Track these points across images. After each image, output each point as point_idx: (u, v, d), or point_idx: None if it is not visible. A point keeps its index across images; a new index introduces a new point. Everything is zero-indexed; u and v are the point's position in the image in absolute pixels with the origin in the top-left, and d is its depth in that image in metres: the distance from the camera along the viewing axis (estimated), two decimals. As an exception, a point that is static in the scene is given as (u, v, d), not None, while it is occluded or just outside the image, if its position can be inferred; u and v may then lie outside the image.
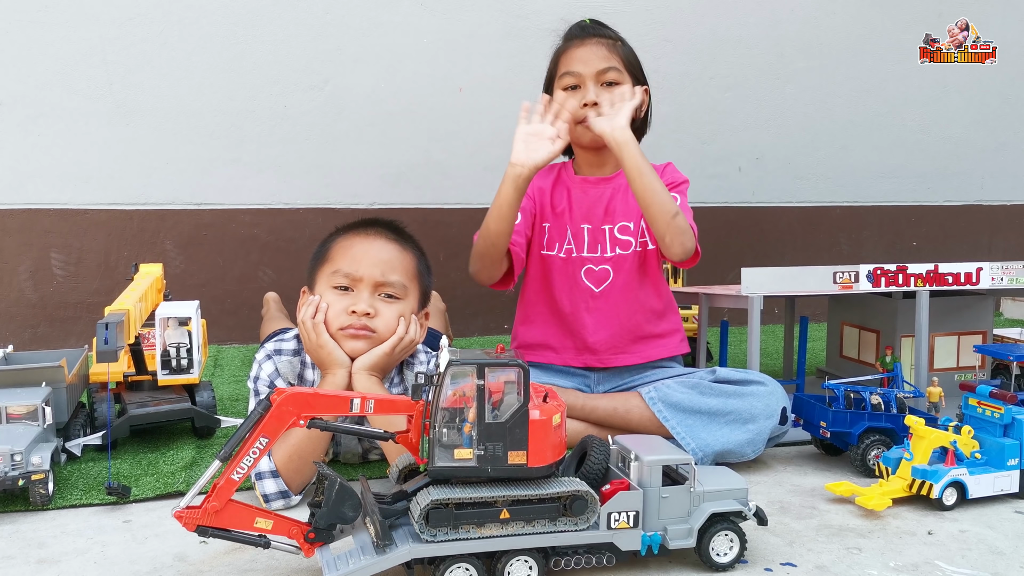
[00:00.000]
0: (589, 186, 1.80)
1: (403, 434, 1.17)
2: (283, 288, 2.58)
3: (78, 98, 2.49)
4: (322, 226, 2.65)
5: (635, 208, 1.76)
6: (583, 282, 1.76)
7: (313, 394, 1.12)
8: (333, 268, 1.48)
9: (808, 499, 1.43)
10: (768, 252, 2.97)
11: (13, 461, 1.35)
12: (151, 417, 1.64)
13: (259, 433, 1.09)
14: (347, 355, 1.44)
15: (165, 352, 1.68)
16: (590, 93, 1.70)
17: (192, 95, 2.55)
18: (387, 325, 1.46)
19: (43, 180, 2.49)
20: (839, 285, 1.75)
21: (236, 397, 2.03)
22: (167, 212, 2.56)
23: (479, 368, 1.09)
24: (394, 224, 1.55)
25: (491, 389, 1.11)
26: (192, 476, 1.50)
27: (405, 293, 1.49)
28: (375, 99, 2.67)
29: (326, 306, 1.45)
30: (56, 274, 2.51)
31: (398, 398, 1.19)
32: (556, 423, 1.12)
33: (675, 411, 1.59)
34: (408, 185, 2.71)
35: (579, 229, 1.77)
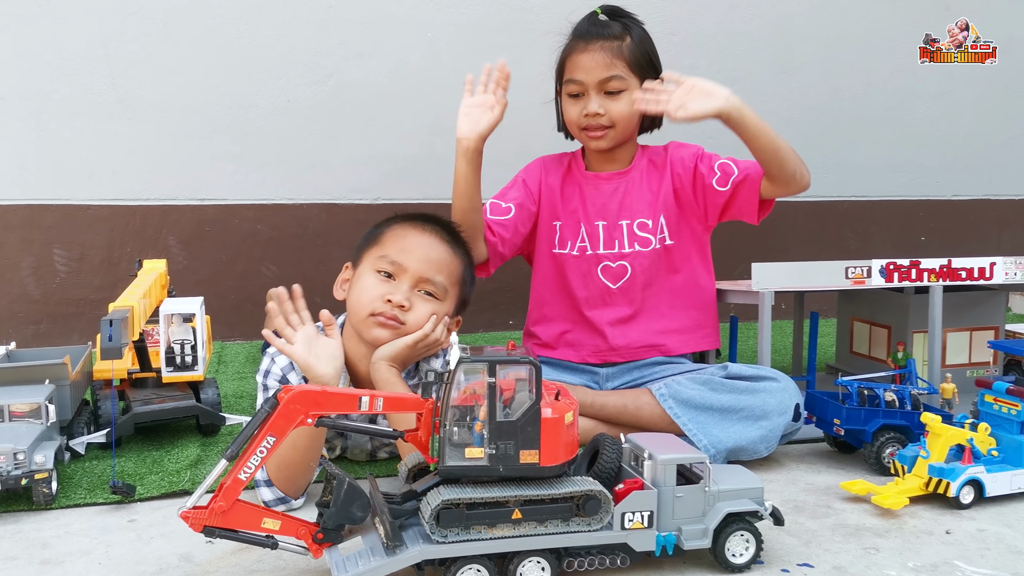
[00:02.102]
0: (602, 181, 1.78)
1: (412, 432, 1.15)
2: (286, 284, 2.44)
3: (80, 93, 2.46)
4: (326, 221, 2.70)
5: (653, 204, 1.74)
6: (600, 279, 1.75)
7: (321, 392, 1.10)
8: (381, 252, 1.47)
9: (823, 498, 1.41)
10: (774, 247, 2.94)
11: (16, 460, 1.33)
12: (155, 415, 1.62)
13: (266, 432, 1.08)
14: (370, 343, 1.43)
15: (169, 349, 1.66)
16: (591, 103, 1.69)
17: (195, 89, 2.53)
18: (417, 320, 1.45)
19: (45, 175, 2.47)
20: (851, 280, 1.73)
21: (240, 394, 2.01)
22: (170, 208, 2.54)
23: (490, 365, 1.07)
24: (451, 226, 1.55)
25: (502, 387, 1.09)
26: (197, 474, 1.48)
27: (444, 295, 1.48)
28: (379, 93, 2.64)
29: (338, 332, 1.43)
30: (59, 270, 2.49)
31: (407, 396, 1.17)
32: (568, 421, 1.10)
33: (686, 408, 1.57)
34: (412, 179, 2.68)
35: (594, 226, 1.75)
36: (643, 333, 1.75)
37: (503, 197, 1.79)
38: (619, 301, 1.75)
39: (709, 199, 1.74)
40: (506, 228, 1.74)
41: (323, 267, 2.60)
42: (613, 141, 1.72)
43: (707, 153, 1.78)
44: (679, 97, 1.57)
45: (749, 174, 1.69)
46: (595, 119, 1.69)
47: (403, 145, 2.67)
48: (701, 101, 1.56)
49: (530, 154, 1.88)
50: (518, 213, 1.76)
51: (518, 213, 1.76)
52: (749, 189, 1.69)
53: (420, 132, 2.67)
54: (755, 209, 1.71)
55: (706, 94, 1.56)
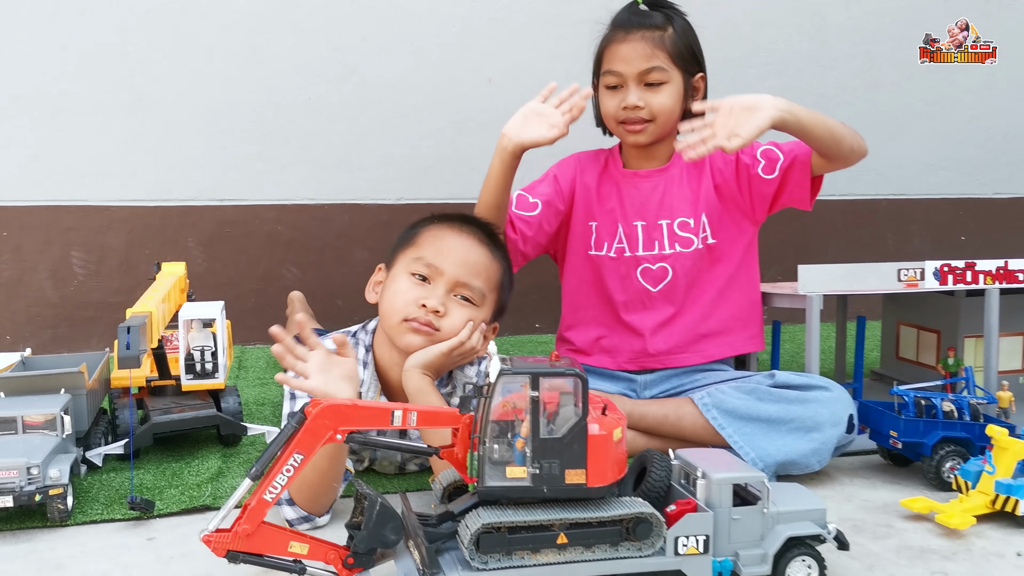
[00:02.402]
0: (640, 180, 1.70)
1: (448, 449, 1.08)
2: (308, 286, 2.50)
3: (98, 91, 2.41)
4: (348, 222, 2.64)
5: (694, 202, 1.67)
6: (639, 282, 1.67)
7: (351, 406, 1.03)
8: (417, 254, 1.40)
9: (882, 516, 1.32)
10: (809, 248, 2.85)
11: (30, 475, 1.26)
12: (175, 425, 1.55)
13: (293, 449, 1.01)
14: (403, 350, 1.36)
15: (189, 356, 1.60)
16: (631, 96, 1.61)
17: (214, 87, 2.47)
18: (453, 327, 1.37)
19: (63, 176, 2.42)
20: (904, 283, 1.64)
21: (262, 401, 1.95)
22: (189, 208, 2.49)
23: (533, 378, 0.99)
24: (490, 228, 1.47)
25: (544, 400, 1.01)
26: (219, 488, 1.42)
27: (482, 301, 1.40)
28: (402, 90, 2.58)
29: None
30: (77, 273, 2.43)
31: (443, 410, 1.09)
32: (617, 438, 1.02)
33: (731, 418, 1.49)
34: (437, 179, 2.61)
35: (632, 227, 1.67)
36: (684, 338, 1.67)
37: (531, 191, 1.71)
38: (659, 305, 1.68)
39: (757, 190, 1.66)
40: (530, 225, 1.66)
41: (345, 268, 2.55)
42: (653, 136, 1.64)
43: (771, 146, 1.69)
44: (724, 125, 1.46)
45: (796, 156, 1.61)
46: (634, 112, 1.61)
47: (427, 143, 2.60)
48: (748, 120, 1.45)
49: (562, 151, 1.80)
50: (544, 211, 1.68)
51: (544, 211, 1.68)
52: (799, 172, 1.62)
53: (445, 130, 2.61)
54: (807, 192, 1.63)
55: (749, 110, 1.46)
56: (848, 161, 1.59)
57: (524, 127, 1.54)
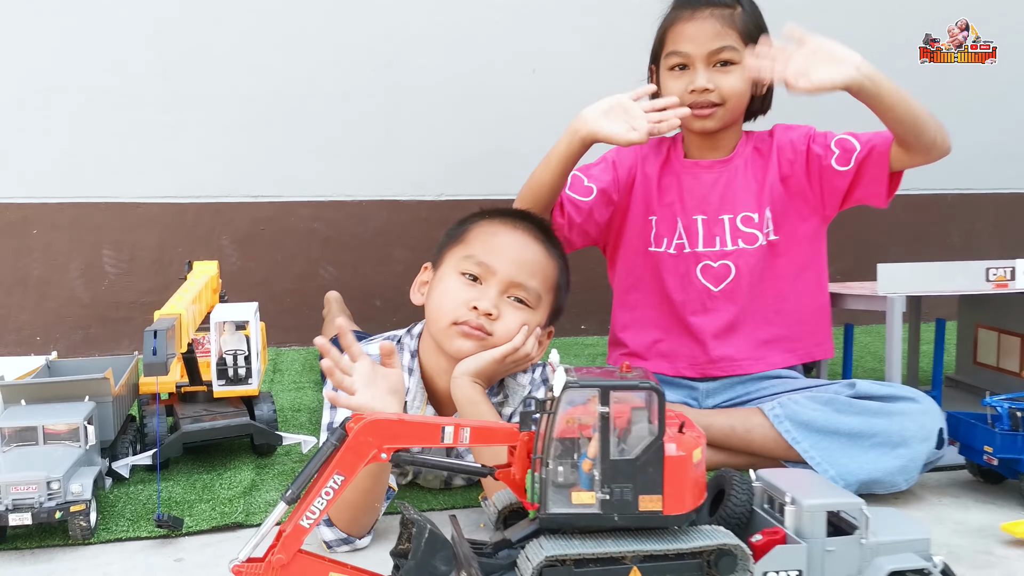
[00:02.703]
0: (701, 170, 1.58)
1: (504, 469, 0.97)
2: (345, 286, 2.42)
3: (129, 84, 2.34)
4: (387, 219, 2.54)
5: (759, 195, 1.55)
6: (699, 281, 1.55)
7: (397, 421, 0.92)
8: (467, 252, 1.29)
9: (980, 542, 1.19)
10: (869, 245, 2.70)
11: (50, 490, 1.17)
12: (206, 434, 1.46)
13: (333, 469, 0.90)
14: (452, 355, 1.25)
15: (221, 360, 1.51)
16: (699, 78, 1.49)
17: (248, 79, 2.39)
18: (506, 331, 1.26)
19: (94, 172, 2.35)
20: (992, 283, 1.50)
21: (297, 407, 1.85)
22: (223, 205, 2.41)
23: (603, 391, 0.88)
24: (546, 224, 1.36)
25: (614, 415, 0.90)
26: (252, 503, 1.32)
27: (537, 303, 1.29)
28: (442, 81, 2.48)
29: None
30: (108, 272, 2.36)
31: (498, 426, 0.98)
32: (697, 459, 0.91)
33: (807, 431, 1.36)
34: (479, 174, 2.51)
35: (691, 221, 1.56)
36: (748, 342, 1.55)
37: (586, 173, 1.59)
38: (721, 306, 1.56)
39: (828, 183, 1.54)
40: (579, 211, 1.54)
41: (384, 268, 2.47)
42: (721, 121, 1.52)
43: (820, 132, 1.57)
44: (801, 62, 1.33)
45: (875, 146, 1.48)
46: (703, 96, 1.49)
47: (469, 137, 2.50)
48: (827, 68, 1.32)
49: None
50: (599, 198, 1.57)
51: (599, 198, 1.57)
52: (876, 164, 1.48)
53: (488, 122, 2.51)
54: (884, 187, 1.50)
55: (834, 60, 1.32)
56: (929, 154, 1.45)
57: (604, 118, 1.40)
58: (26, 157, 2.32)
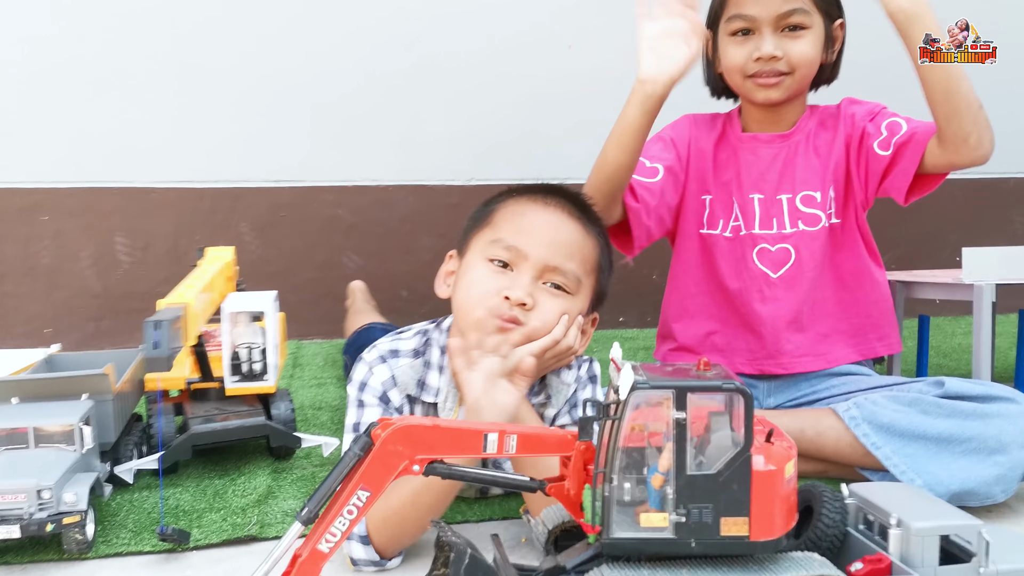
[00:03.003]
0: (760, 145, 1.44)
1: (557, 483, 0.83)
2: (370, 276, 2.30)
3: (142, 63, 2.22)
4: (413, 205, 2.41)
5: (822, 173, 1.41)
6: (756, 266, 1.42)
7: (431, 427, 0.79)
8: (494, 236, 1.15)
9: (1098, 566, 1.03)
10: (923, 231, 2.55)
11: (41, 499, 1.05)
12: (217, 435, 1.33)
13: (357, 484, 0.77)
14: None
15: (235, 354, 1.38)
16: (766, 44, 1.34)
17: (267, 59, 2.27)
18: (544, 322, 1.11)
19: (106, 155, 2.24)
20: (1091, 270, 1.34)
21: (318, 404, 1.72)
22: (241, 190, 2.29)
23: (679, 393, 0.74)
24: (581, 199, 1.21)
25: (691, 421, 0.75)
26: (267, 513, 1.19)
27: (577, 288, 1.15)
28: (472, 59, 2.35)
29: None
30: (121, 260, 2.26)
31: (549, 433, 0.84)
32: (789, 475, 0.76)
33: (888, 435, 1.21)
34: (510, 157, 2.38)
35: (748, 200, 1.42)
36: (812, 335, 1.41)
37: (646, 154, 1.44)
38: (781, 294, 1.42)
39: (870, 166, 1.39)
40: (652, 193, 1.40)
41: (410, 256, 2.35)
42: (788, 92, 1.38)
43: (885, 111, 1.42)
44: None
45: (915, 133, 1.33)
46: (769, 63, 1.34)
47: (501, 118, 2.37)
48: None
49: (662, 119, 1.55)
50: (667, 178, 1.43)
51: (667, 178, 1.43)
52: (912, 152, 1.33)
53: (519, 104, 2.38)
54: (908, 180, 1.34)
55: None
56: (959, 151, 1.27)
57: (662, 60, 1.25)
58: (35, 140, 2.21)
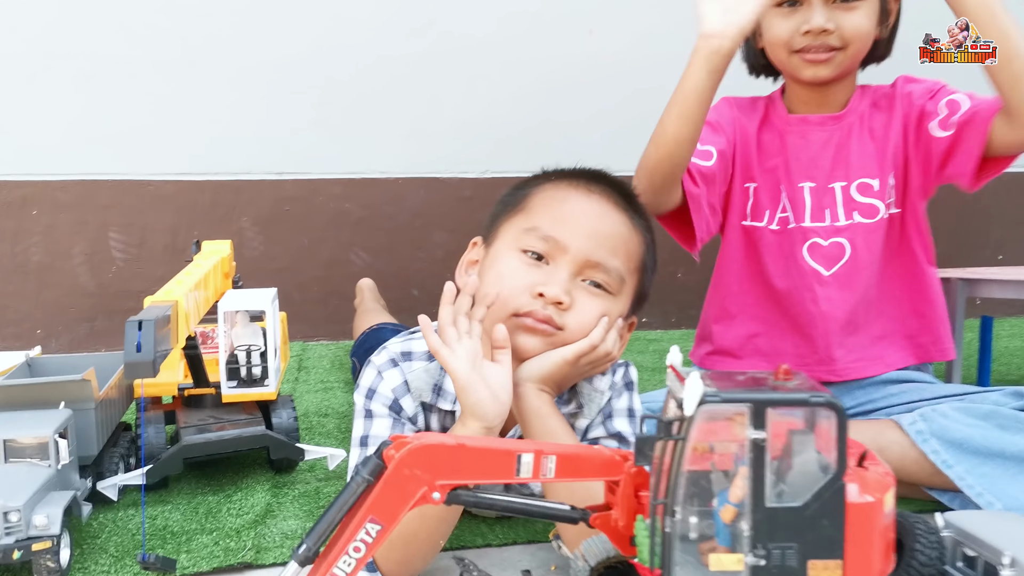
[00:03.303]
0: (810, 128, 1.31)
1: (602, 513, 0.70)
2: (379, 274, 2.19)
3: (140, 49, 2.11)
4: (425, 199, 2.29)
5: (880, 159, 1.28)
6: (806, 262, 1.30)
7: (456, 446, 0.66)
8: (529, 223, 1.02)
9: None
10: (969, 230, 2.41)
11: (8, 523, 0.93)
12: (212, 447, 1.21)
13: (366, 515, 0.64)
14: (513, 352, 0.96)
15: (232, 357, 1.26)
16: (816, 16, 1.22)
17: (272, 43, 2.16)
18: (581, 325, 0.99)
19: (100, 146, 2.13)
20: None
21: (324, 411, 1.60)
22: (243, 183, 2.19)
23: (756, 408, 0.61)
24: (627, 188, 1.08)
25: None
26: (264, 536, 1.07)
27: (620, 288, 1.02)
28: (486, 45, 2.24)
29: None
30: (116, 257, 2.15)
31: (592, 452, 0.71)
32: (888, 508, 0.63)
33: (961, 453, 1.08)
34: (527, 148, 2.22)
35: (797, 189, 1.30)
36: (867, 338, 1.30)
37: None
38: (835, 294, 1.30)
39: (931, 149, 1.27)
40: (707, 179, 1.27)
41: (422, 253, 2.24)
42: (840, 69, 1.26)
43: (945, 89, 1.29)
44: None
45: (978, 111, 1.20)
46: (820, 37, 1.22)
47: (518, 106, 2.26)
48: None
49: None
50: (719, 163, 1.30)
51: (719, 163, 1.30)
52: (976, 131, 1.20)
53: (537, 91, 2.27)
54: (974, 162, 1.21)
55: None
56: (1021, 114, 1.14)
57: (728, 12, 1.12)
58: (25, 129, 2.10)
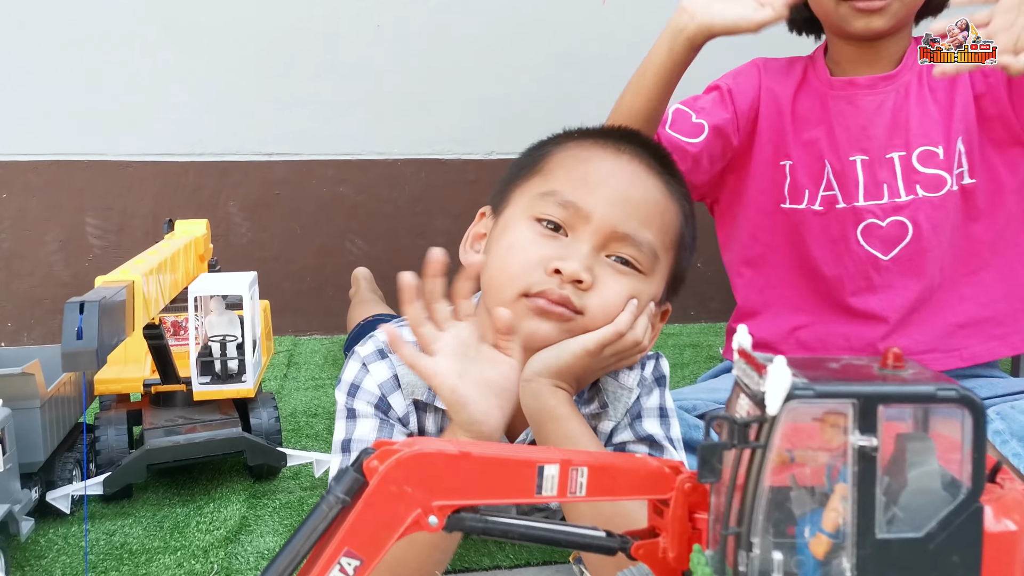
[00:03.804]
0: (858, 92, 1.17)
1: (648, 540, 0.55)
2: (376, 262, 2.08)
3: (118, 19, 2.00)
4: (425, 182, 2.16)
5: (945, 123, 1.14)
6: (861, 246, 1.16)
7: (458, 455, 0.51)
8: (546, 187, 0.88)
9: None
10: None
11: (-77, 543, 0.78)
12: (180, 451, 1.07)
13: (340, 547, 0.49)
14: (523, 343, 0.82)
15: (204, 349, 1.12)
16: None
17: (261, 15, 2.04)
18: (604, 308, 0.84)
19: (75, 124, 2.02)
20: None
21: (314, 411, 1.45)
22: (230, 165, 2.07)
23: (865, 404, 0.45)
24: (663, 151, 0.95)
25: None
26: (236, 556, 0.92)
27: (652, 266, 0.87)
28: (492, 16, 2.13)
29: None
30: (92, 244, 2.03)
31: (635, 463, 0.56)
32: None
33: (1048, 455, 0.93)
34: (534, 127, 2.04)
35: (847, 164, 1.16)
36: (937, 328, 1.15)
37: (693, 106, 1.19)
38: (896, 280, 1.16)
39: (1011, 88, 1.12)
40: (685, 157, 1.14)
41: (422, 240, 2.09)
42: (895, 19, 1.11)
43: None
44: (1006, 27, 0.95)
45: None
46: None
47: (524, 82, 2.15)
48: None
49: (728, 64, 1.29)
50: (711, 139, 1.17)
51: (711, 139, 1.17)
52: None
53: (544, 66, 2.15)
54: None
55: None
56: None
57: (717, 1, 1.02)
58: (-7, 106, 1.99)
